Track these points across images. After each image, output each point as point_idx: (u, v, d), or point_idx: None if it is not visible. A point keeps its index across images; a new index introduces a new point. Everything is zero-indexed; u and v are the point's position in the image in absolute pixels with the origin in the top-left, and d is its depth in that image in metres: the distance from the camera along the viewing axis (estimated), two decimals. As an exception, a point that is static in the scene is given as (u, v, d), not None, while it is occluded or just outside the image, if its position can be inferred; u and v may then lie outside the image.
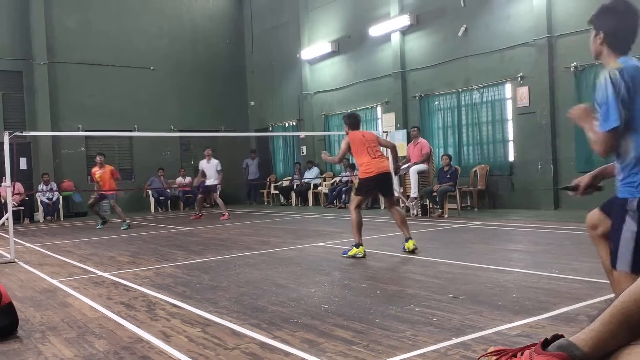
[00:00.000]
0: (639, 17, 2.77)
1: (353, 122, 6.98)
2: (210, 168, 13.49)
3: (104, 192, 12.02)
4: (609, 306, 1.75)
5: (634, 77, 2.55)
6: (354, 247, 6.40)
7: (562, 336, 1.74)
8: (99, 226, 12.07)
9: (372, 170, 6.55)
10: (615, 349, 1.67)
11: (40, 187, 14.93)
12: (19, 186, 14.04)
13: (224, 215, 13.01)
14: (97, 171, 12.03)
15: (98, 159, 12.11)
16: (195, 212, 13.81)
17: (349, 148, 6.79)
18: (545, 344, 1.82)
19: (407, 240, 6.53)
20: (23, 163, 15.46)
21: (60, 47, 16.22)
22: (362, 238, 6.48)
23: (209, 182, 13.56)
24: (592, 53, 2.92)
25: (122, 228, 11.40)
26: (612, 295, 2.88)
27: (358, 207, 6.63)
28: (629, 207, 2.51)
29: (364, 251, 6.40)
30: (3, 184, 7.50)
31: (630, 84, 2.51)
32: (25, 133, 8.94)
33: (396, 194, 11.50)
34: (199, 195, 14.11)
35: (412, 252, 6.43)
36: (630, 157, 2.59)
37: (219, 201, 13.55)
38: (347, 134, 6.96)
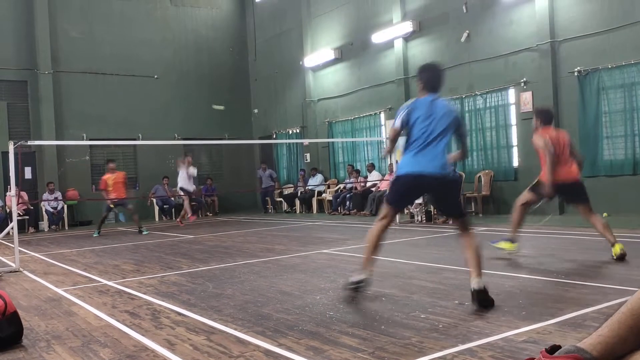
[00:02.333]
0: (439, 71, 4.67)
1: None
2: (187, 175, 13.54)
3: (115, 200, 12.36)
4: (616, 311, 1.72)
5: (420, 106, 4.44)
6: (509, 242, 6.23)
7: (559, 347, 1.71)
8: (96, 234, 12.31)
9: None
10: (624, 354, 1.64)
11: (45, 196, 14.96)
12: (23, 195, 14.07)
13: (180, 222, 13.47)
14: (109, 177, 12.40)
15: (111, 165, 12.65)
16: (195, 216, 13.83)
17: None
18: (549, 353, 1.77)
19: (613, 246, 5.78)
20: (28, 172, 15.53)
21: (65, 56, 16.32)
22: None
23: (186, 185, 13.56)
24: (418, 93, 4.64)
25: (145, 233, 11.93)
26: (620, 300, 2.89)
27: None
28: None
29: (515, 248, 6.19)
30: (8, 193, 7.53)
31: (411, 109, 4.44)
32: (30, 142, 8.96)
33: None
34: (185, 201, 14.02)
35: (621, 258, 5.64)
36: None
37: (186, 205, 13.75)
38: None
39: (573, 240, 7.44)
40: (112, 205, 12.85)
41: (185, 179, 13.58)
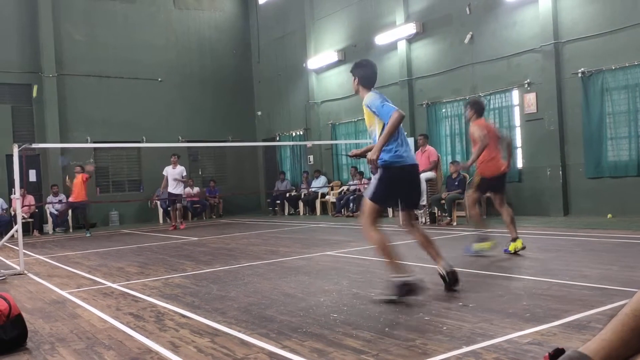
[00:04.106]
0: (376, 67, 4.79)
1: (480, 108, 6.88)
2: (174, 175, 13.63)
3: (73, 202, 13.20)
4: (617, 313, 1.71)
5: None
6: (484, 242, 6.57)
7: (563, 350, 1.70)
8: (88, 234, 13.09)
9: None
10: (627, 357, 1.64)
11: (50, 198, 15.01)
12: (30, 199, 14.12)
13: (182, 224, 13.78)
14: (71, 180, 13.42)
15: (76, 168, 13.60)
16: (172, 223, 13.87)
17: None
18: (552, 358, 1.77)
19: (514, 241, 6.52)
20: (32, 175, 15.59)
21: (69, 60, 16.38)
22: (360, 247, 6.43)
23: (173, 190, 13.68)
24: (354, 91, 4.81)
25: (87, 235, 12.82)
26: (624, 301, 2.87)
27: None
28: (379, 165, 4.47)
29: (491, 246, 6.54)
30: (12, 195, 7.56)
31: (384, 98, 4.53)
32: (34, 145, 9.01)
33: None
34: (173, 206, 14.22)
35: (516, 253, 6.42)
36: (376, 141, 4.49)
37: (177, 213, 13.91)
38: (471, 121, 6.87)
39: (576, 242, 7.42)
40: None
41: (173, 182, 13.58)
